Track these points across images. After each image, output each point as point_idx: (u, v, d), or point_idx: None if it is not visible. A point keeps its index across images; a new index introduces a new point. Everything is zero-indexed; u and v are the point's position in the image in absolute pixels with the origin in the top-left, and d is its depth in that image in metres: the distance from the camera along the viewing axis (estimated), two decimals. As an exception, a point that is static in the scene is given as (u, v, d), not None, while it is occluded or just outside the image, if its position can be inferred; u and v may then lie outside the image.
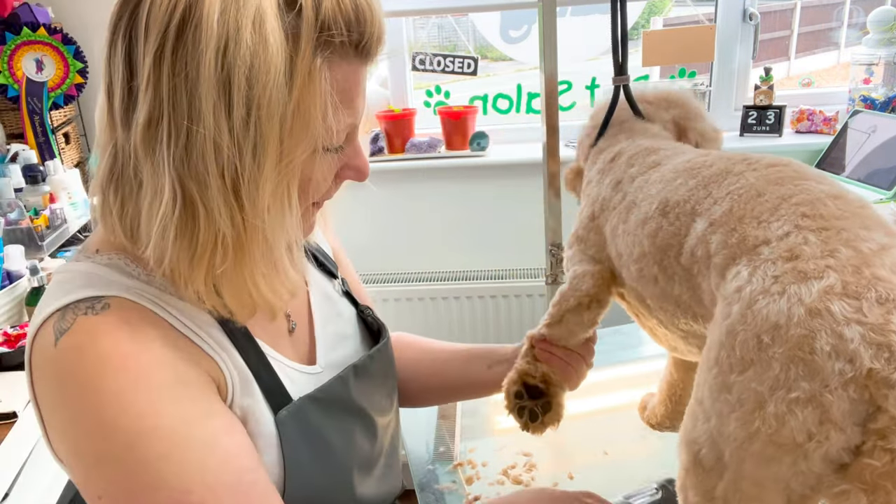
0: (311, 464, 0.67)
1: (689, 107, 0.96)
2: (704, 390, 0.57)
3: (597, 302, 0.84)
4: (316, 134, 0.57)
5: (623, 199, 0.81)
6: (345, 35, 0.56)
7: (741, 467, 0.53)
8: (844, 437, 0.48)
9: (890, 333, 0.47)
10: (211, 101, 0.52)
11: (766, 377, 0.50)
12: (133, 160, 0.56)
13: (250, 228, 0.56)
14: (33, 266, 1.49)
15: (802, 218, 0.57)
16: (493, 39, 2.39)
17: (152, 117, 0.53)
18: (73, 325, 0.56)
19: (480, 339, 2.24)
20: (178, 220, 0.54)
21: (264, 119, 0.53)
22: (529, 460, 1.02)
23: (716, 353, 0.56)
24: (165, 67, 0.52)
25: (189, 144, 0.53)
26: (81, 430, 0.55)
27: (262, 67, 0.52)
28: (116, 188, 0.58)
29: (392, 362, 0.87)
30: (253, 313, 0.63)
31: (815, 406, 0.48)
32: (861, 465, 0.48)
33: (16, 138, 1.92)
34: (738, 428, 0.52)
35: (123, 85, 0.55)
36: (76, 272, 0.61)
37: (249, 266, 0.58)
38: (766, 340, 0.51)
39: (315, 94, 0.56)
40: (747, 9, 2.15)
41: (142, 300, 0.60)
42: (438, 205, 2.27)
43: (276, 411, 0.65)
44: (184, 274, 0.57)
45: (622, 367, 1.28)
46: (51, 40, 1.89)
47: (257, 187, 0.54)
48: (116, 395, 0.54)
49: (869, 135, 1.97)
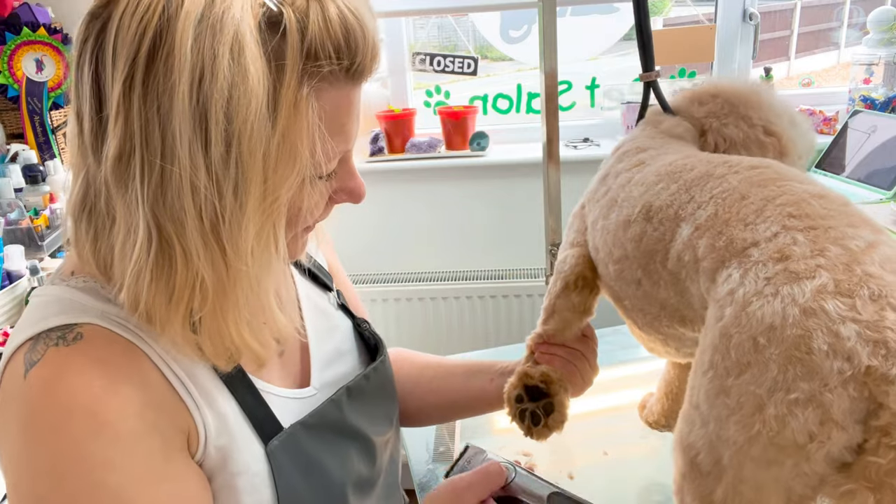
0: (307, 492, 0.65)
1: (729, 104, 0.86)
2: (700, 395, 0.56)
3: (582, 279, 0.83)
4: (303, 168, 0.53)
5: (606, 193, 0.81)
6: (335, 63, 0.51)
7: (741, 471, 0.53)
8: (846, 435, 0.48)
9: (885, 330, 0.47)
10: (186, 137, 0.47)
11: (765, 379, 0.50)
12: (105, 193, 0.52)
13: (233, 273, 0.51)
14: (33, 266, 1.49)
15: (789, 218, 0.57)
16: (493, 39, 2.39)
17: (123, 151, 0.49)
18: (42, 357, 0.53)
19: (480, 339, 2.24)
20: (153, 262, 0.50)
21: (246, 156, 0.48)
22: (529, 460, 1.02)
23: (710, 357, 0.56)
24: (136, 98, 0.48)
25: (164, 182, 0.48)
26: (31, 471, 0.51)
27: (241, 100, 0.47)
28: (89, 220, 0.55)
29: (390, 379, 0.83)
30: (235, 362, 0.58)
31: (815, 406, 0.48)
32: (865, 464, 0.47)
33: (16, 138, 1.92)
34: (737, 431, 0.52)
35: (92, 114, 0.51)
36: (51, 297, 0.58)
37: (233, 313, 0.53)
38: (762, 342, 0.51)
39: (302, 126, 0.51)
40: (747, 9, 2.15)
41: (117, 328, 0.56)
42: (438, 205, 2.27)
43: (266, 442, 0.62)
44: (160, 317, 0.52)
45: (622, 367, 1.28)
46: (51, 40, 1.89)
47: (240, 229, 0.50)
48: (74, 441, 0.51)
49: (869, 135, 1.97)
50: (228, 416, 0.61)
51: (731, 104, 0.86)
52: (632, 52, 1.01)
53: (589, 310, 0.86)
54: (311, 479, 0.66)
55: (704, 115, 0.88)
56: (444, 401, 0.94)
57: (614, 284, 0.78)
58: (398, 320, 2.24)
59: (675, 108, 0.92)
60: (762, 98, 0.86)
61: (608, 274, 0.79)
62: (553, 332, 0.87)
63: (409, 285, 2.27)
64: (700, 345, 0.59)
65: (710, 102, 0.88)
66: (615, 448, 1.05)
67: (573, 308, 0.85)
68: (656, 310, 0.73)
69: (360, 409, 0.75)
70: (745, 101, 0.86)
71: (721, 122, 0.86)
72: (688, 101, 0.90)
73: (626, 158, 0.83)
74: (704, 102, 0.89)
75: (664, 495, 0.95)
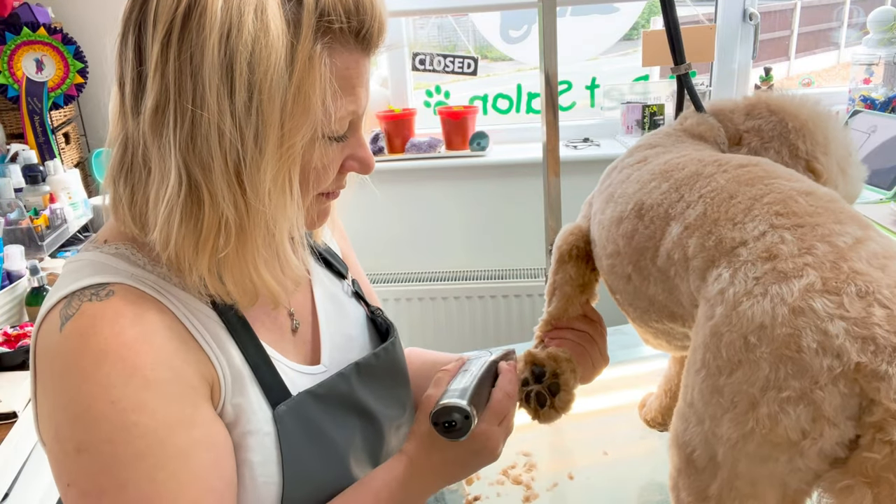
0: (311, 459, 0.67)
1: (782, 124, 0.80)
2: (694, 393, 0.57)
3: (576, 249, 0.84)
4: (316, 119, 0.58)
5: (608, 187, 0.82)
6: (344, 22, 0.58)
7: (736, 467, 0.53)
8: (838, 431, 0.48)
9: (873, 326, 0.48)
10: (214, 85, 0.54)
11: (756, 377, 0.51)
12: (142, 147, 0.58)
13: (252, 213, 0.57)
14: (33, 266, 1.49)
15: (776, 217, 0.58)
16: (493, 39, 2.39)
17: (159, 102, 0.55)
18: (77, 311, 0.57)
19: (480, 338, 2.24)
20: (183, 203, 0.56)
21: (265, 103, 0.55)
22: (529, 460, 1.02)
23: (702, 355, 0.56)
24: (172, 54, 0.54)
25: (194, 129, 0.55)
26: (68, 416, 0.56)
27: (263, 53, 0.54)
28: (126, 178, 0.60)
29: (401, 363, 0.85)
30: (255, 300, 0.64)
31: (806, 403, 0.48)
32: (861, 459, 0.48)
33: (16, 138, 1.92)
34: (731, 429, 0.52)
35: (133, 73, 0.57)
36: (84, 261, 0.63)
37: (251, 251, 0.59)
38: (752, 341, 0.52)
39: (315, 79, 0.57)
40: (747, 9, 2.15)
41: (145, 287, 0.61)
42: (438, 205, 2.27)
43: (274, 406, 0.66)
44: (188, 258, 0.58)
45: (622, 367, 1.28)
46: (51, 40, 1.89)
47: (258, 171, 0.56)
48: (108, 386, 0.55)
49: (869, 135, 1.98)
50: (244, 377, 0.65)
51: (784, 126, 0.80)
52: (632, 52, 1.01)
53: (588, 285, 0.87)
54: (316, 446, 0.68)
55: (748, 129, 0.82)
56: None
57: (608, 278, 0.79)
58: (398, 320, 2.25)
59: (716, 111, 0.87)
60: (821, 130, 0.80)
61: (602, 268, 0.80)
62: (557, 314, 0.87)
63: (409, 285, 2.27)
64: (692, 343, 0.60)
65: (763, 118, 0.81)
66: (615, 448, 1.05)
67: (571, 281, 0.85)
68: (646, 305, 0.74)
69: (368, 386, 0.76)
70: (800, 127, 0.79)
71: (762, 143, 0.80)
72: (734, 108, 0.85)
73: (635, 153, 0.84)
74: (757, 116, 0.82)
75: (664, 495, 0.95)
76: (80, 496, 0.56)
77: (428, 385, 0.93)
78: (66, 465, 0.56)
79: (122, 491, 0.55)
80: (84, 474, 0.55)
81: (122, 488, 0.55)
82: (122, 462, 0.55)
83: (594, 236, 0.82)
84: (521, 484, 0.98)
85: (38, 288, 1.48)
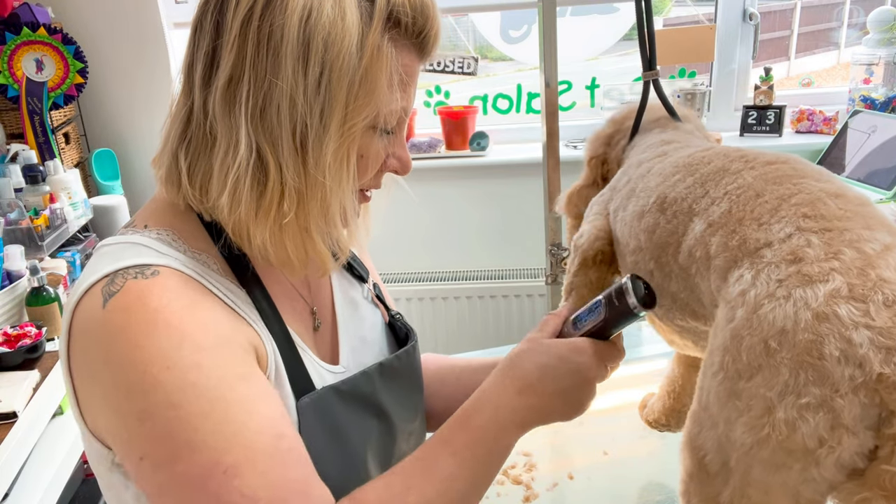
0: (328, 454, 0.67)
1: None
2: (710, 396, 0.56)
3: (601, 254, 0.82)
4: (377, 104, 0.63)
5: (627, 182, 0.81)
6: (409, 18, 0.63)
7: (749, 473, 0.52)
8: (857, 441, 0.47)
9: None
10: (291, 60, 0.58)
11: (775, 382, 0.50)
12: (209, 119, 0.62)
13: (311, 183, 0.61)
14: (33, 266, 1.49)
15: (804, 219, 0.56)
16: (493, 39, 2.39)
17: (234, 76, 0.59)
18: (122, 288, 0.58)
19: (480, 339, 2.24)
20: (252, 170, 0.60)
21: (335, 81, 0.59)
22: (529, 460, 1.02)
23: (720, 358, 0.55)
24: (252, 30, 0.59)
25: (266, 101, 0.59)
26: (124, 389, 0.56)
27: (338, 35, 0.59)
28: (188, 149, 0.63)
29: (418, 369, 0.85)
30: (306, 266, 0.67)
31: (826, 411, 0.47)
32: (880, 472, 0.47)
33: (16, 138, 1.92)
34: (746, 433, 0.51)
35: (208, 50, 0.61)
36: (125, 243, 0.63)
37: (310, 219, 0.63)
38: (773, 345, 0.50)
39: (381, 67, 0.62)
40: (747, 9, 2.15)
41: (188, 271, 0.63)
42: (438, 205, 2.27)
43: (298, 398, 0.66)
44: (251, 222, 0.62)
45: (622, 367, 1.27)
46: (51, 40, 1.89)
47: (321, 145, 0.60)
48: (161, 352, 0.56)
49: (869, 135, 1.98)
50: (279, 360, 0.66)
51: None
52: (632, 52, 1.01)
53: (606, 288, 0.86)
54: (335, 444, 0.69)
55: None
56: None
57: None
58: (398, 320, 2.24)
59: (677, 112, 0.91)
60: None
61: (625, 265, 0.78)
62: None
63: (409, 285, 2.27)
64: (710, 345, 0.58)
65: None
66: (615, 448, 1.05)
67: (590, 285, 0.84)
68: (668, 302, 0.73)
69: (389, 389, 0.77)
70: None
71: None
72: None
73: (649, 150, 0.83)
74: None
75: (664, 495, 0.95)
76: (154, 468, 0.55)
77: (442, 389, 0.94)
78: (133, 439, 0.56)
79: (196, 452, 0.55)
80: (152, 443, 0.55)
81: (194, 449, 0.54)
82: (188, 423, 0.55)
83: (617, 234, 0.80)
84: (521, 484, 0.98)
85: (38, 288, 1.48)
